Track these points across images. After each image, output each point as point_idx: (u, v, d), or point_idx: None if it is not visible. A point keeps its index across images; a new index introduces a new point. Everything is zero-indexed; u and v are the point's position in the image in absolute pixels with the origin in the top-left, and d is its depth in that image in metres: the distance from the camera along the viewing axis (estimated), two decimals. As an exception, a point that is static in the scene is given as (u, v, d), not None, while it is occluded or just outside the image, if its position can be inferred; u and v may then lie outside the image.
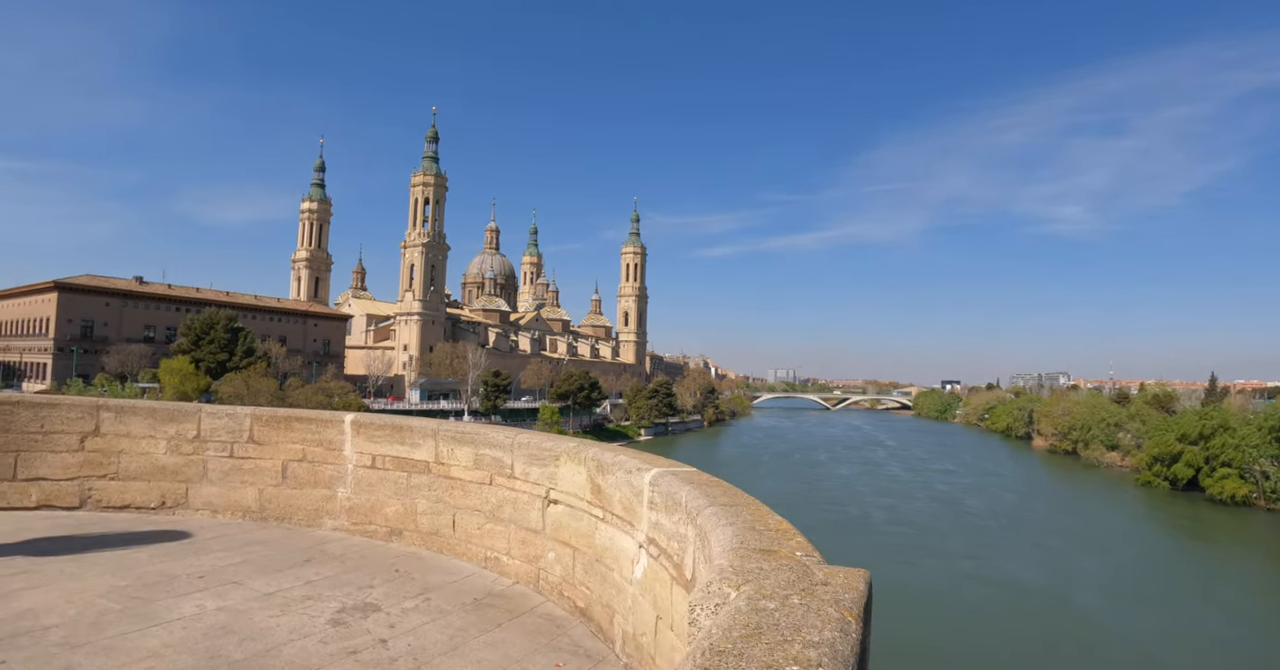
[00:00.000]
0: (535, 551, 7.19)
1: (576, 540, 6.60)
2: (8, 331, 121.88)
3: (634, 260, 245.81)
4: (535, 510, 7.22)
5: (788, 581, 2.73)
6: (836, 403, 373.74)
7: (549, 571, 6.98)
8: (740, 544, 3.26)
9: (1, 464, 8.77)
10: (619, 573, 5.77)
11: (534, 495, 7.25)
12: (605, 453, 6.39)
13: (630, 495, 5.59)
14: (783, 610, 2.34)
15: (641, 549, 5.32)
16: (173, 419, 9.24)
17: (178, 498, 9.23)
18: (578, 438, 7.56)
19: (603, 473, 6.18)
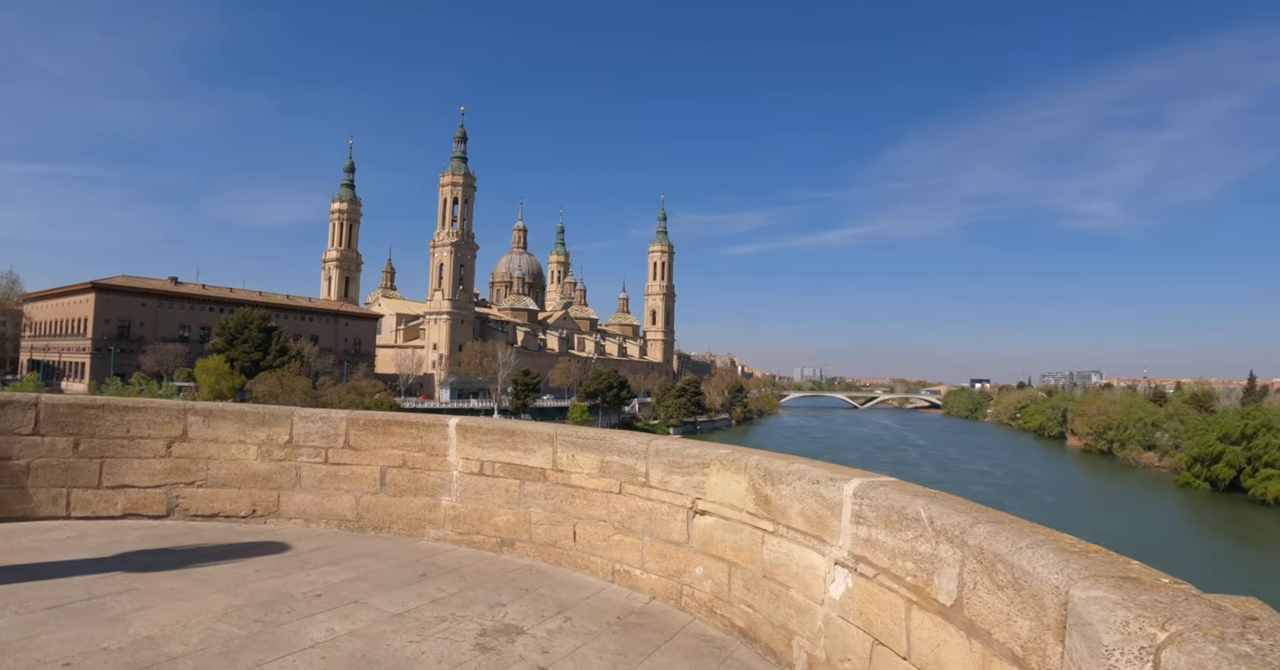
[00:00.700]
0: (677, 565, 6.67)
1: (734, 555, 6.06)
2: (48, 332, 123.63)
3: (661, 259, 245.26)
4: (677, 521, 6.68)
5: (1214, 616, 2.19)
6: (864, 401, 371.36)
7: (696, 587, 6.45)
8: (1088, 571, 2.69)
9: (86, 471, 8.34)
10: (800, 591, 5.21)
11: (675, 505, 6.72)
12: (775, 461, 5.83)
13: (819, 507, 5.03)
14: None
15: (840, 567, 4.76)
16: (263, 423, 8.79)
17: (269, 506, 8.78)
18: (730, 445, 7.01)
19: (772, 482, 5.63)
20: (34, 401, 8.13)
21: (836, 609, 4.80)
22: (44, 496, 8.18)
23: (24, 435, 8.09)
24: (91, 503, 8.36)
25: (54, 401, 8.24)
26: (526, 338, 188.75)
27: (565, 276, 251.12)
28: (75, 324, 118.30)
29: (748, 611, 5.83)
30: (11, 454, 8.04)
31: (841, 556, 4.80)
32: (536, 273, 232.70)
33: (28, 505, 8.12)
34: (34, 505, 8.15)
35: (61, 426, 8.24)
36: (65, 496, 8.27)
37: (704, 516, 6.44)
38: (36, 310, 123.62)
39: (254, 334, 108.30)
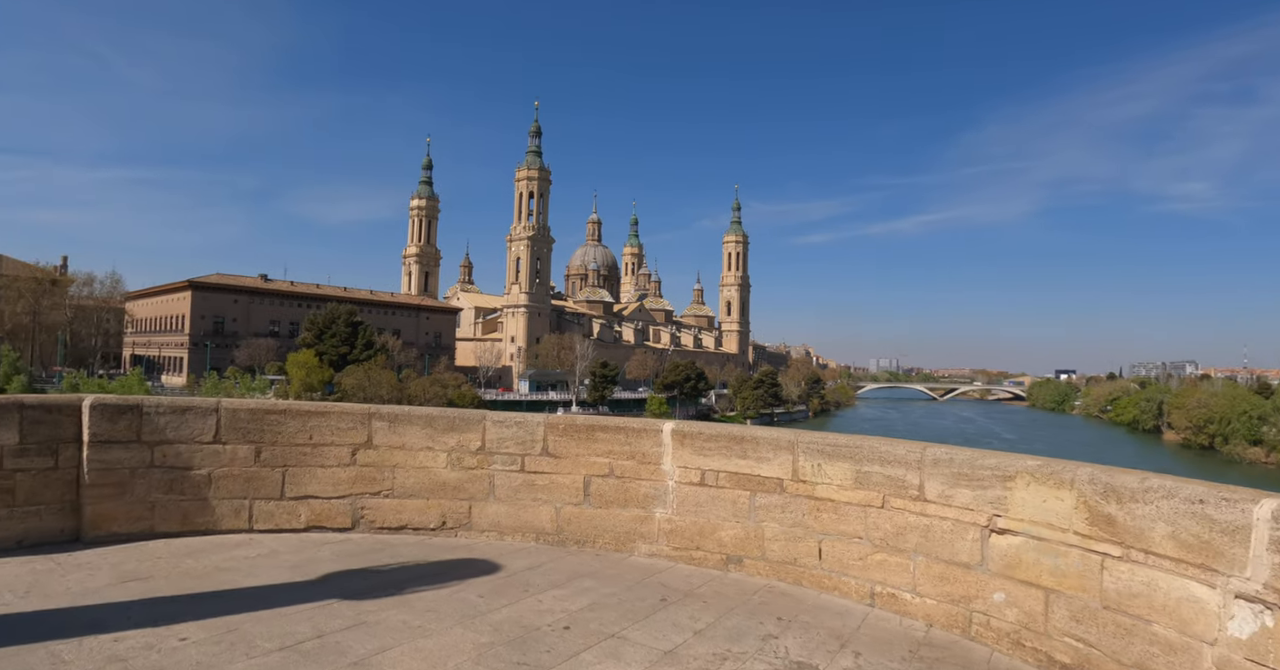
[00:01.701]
0: (963, 590, 5.72)
1: (1053, 581, 5.11)
2: (148, 328, 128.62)
3: (736, 249, 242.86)
4: (966, 540, 5.71)
5: None
6: (944, 393, 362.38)
7: (995, 616, 5.49)
8: None
9: (269, 481, 7.69)
10: (1171, 627, 4.35)
11: (962, 522, 5.76)
12: (1118, 475, 4.83)
13: (1205, 531, 4.14)
14: None
15: (1247, 602, 3.89)
16: (453, 428, 8.03)
17: (460, 518, 8.03)
18: (1039, 456, 6.01)
19: (1118, 500, 4.69)
20: (214, 407, 7.51)
21: (1241, 651, 3.99)
22: (226, 508, 7.56)
23: (205, 443, 7.48)
24: (274, 515, 7.72)
25: (235, 407, 7.60)
26: (602, 330, 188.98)
27: (639, 268, 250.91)
28: (174, 320, 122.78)
29: (1076, 646, 4.98)
30: (192, 463, 7.43)
31: (1249, 590, 3.95)
32: (611, 265, 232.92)
33: (210, 518, 7.51)
34: (216, 518, 7.53)
35: (242, 434, 7.61)
36: (247, 508, 7.64)
37: (1006, 536, 5.53)
38: (138, 308, 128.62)
39: (341, 328, 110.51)
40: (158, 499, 7.30)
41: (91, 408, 7.02)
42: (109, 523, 7.11)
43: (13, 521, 6.63)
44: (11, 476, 6.66)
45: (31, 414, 6.78)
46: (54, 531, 6.93)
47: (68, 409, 7.01)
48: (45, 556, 6.55)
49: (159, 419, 7.28)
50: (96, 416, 7.04)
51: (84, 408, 7.06)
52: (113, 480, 7.11)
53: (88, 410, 7.03)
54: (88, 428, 7.03)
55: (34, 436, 6.80)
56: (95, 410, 7.03)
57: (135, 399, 7.24)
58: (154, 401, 7.31)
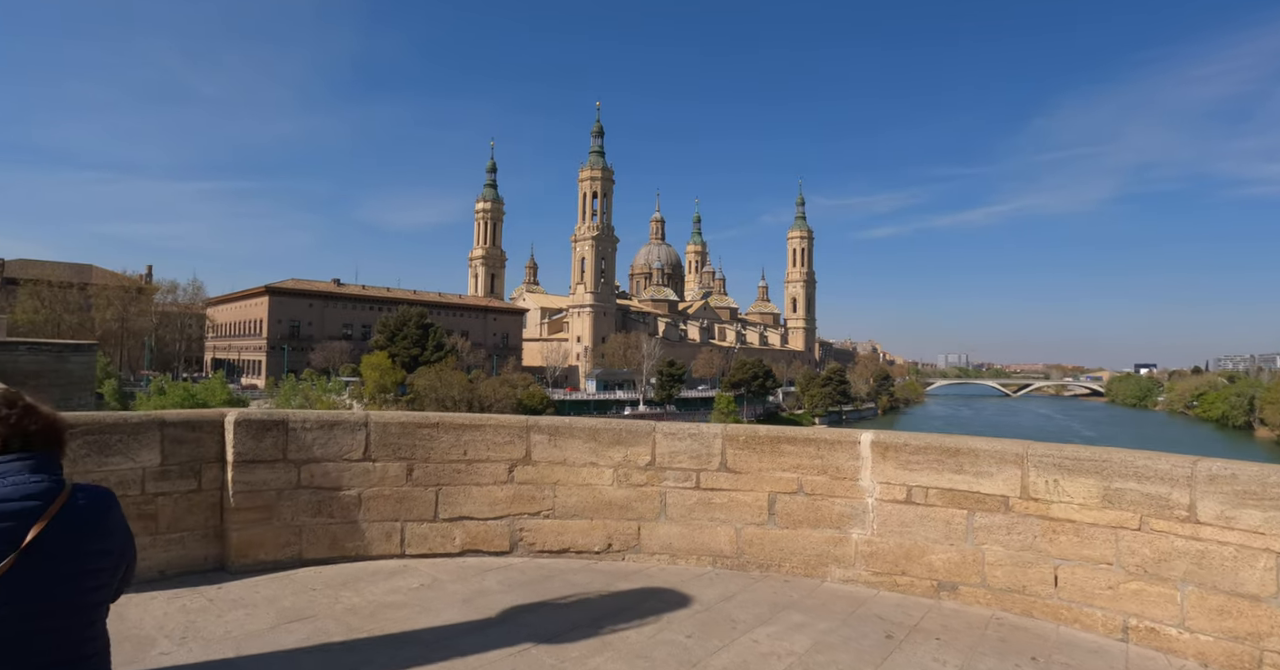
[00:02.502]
0: (1252, 626, 4.91)
1: None
2: (228, 333, 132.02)
3: (800, 245, 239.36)
4: (1256, 569, 4.95)
5: None
6: (1017, 389, 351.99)
7: None
8: None
9: (421, 501, 6.92)
10: None
11: (1249, 548, 4.88)
12: None
13: None
14: None
15: None
16: (619, 442, 7.17)
17: (627, 540, 7.17)
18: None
19: None
20: (364, 422, 6.76)
21: None
22: (377, 532, 6.80)
23: (354, 461, 6.73)
24: (427, 538, 6.94)
25: (385, 421, 6.84)
26: (667, 328, 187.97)
27: (703, 266, 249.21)
28: (252, 325, 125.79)
29: None
30: (341, 483, 6.69)
31: None
32: (675, 263, 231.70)
33: (359, 543, 6.77)
34: (366, 542, 6.78)
35: (393, 450, 6.85)
36: (399, 531, 6.88)
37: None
38: (218, 313, 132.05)
39: (412, 331, 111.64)
40: (305, 523, 6.58)
41: (236, 424, 6.32)
42: (255, 550, 6.40)
43: (155, 550, 5.96)
44: (153, 501, 6.00)
45: (173, 432, 6.12)
46: (198, 560, 6.26)
47: (210, 426, 6.33)
48: (193, 590, 5.86)
49: (305, 435, 6.56)
50: (241, 433, 6.34)
51: (227, 424, 6.37)
52: (259, 503, 6.40)
53: (231, 427, 6.34)
54: (232, 446, 6.34)
55: (175, 457, 6.14)
56: (240, 427, 6.34)
57: (280, 413, 6.53)
58: (300, 416, 6.59)
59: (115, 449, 5.81)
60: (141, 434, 5.93)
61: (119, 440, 5.82)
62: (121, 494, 5.60)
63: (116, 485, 5.76)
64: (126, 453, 5.86)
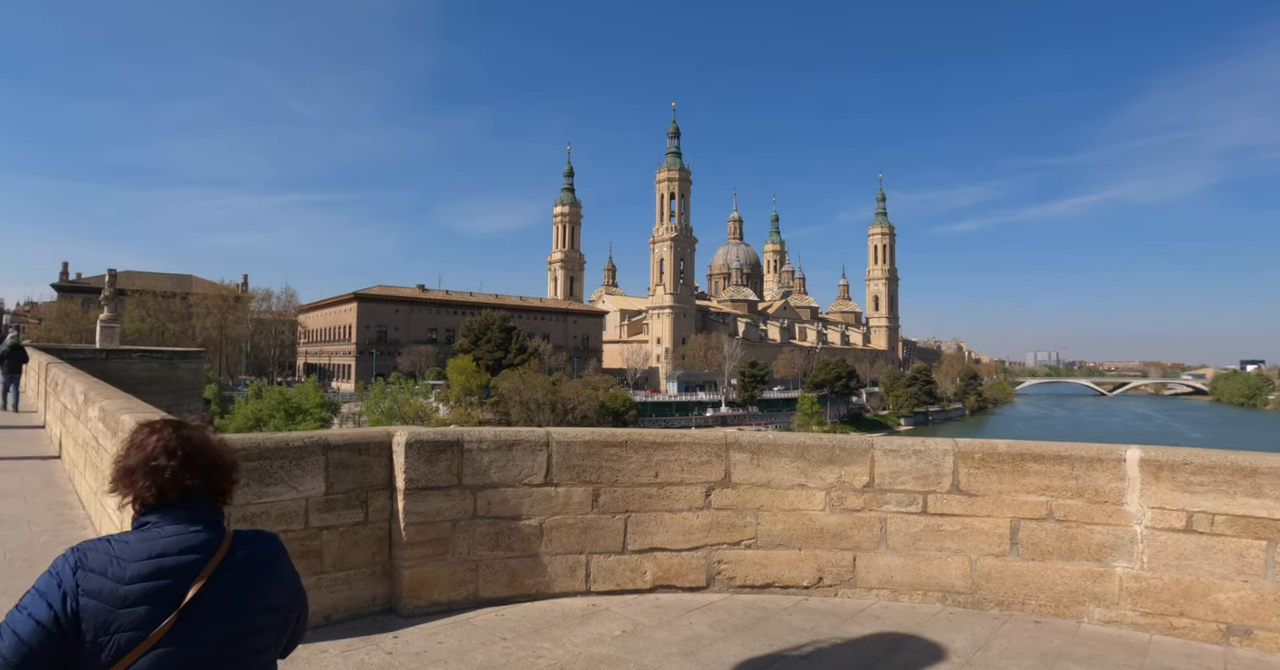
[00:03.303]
0: None
1: None
2: (319, 338, 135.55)
3: (882, 241, 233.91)
4: None
5: None
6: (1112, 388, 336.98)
7: None
8: None
9: (608, 530, 5.96)
10: None
11: None
12: None
13: None
14: None
15: None
16: (832, 460, 6.09)
17: (840, 573, 6.11)
18: None
19: None
20: (545, 441, 5.83)
21: None
22: (560, 566, 5.86)
23: (534, 486, 5.81)
24: (614, 572, 5.98)
25: (568, 440, 5.90)
26: (747, 329, 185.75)
27: (782, 265, 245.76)
28: (341, 330, 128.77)
29: None
30: (521, 511, 5.77)
31: None
32: (754, 263, 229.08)
33: (541, 579, 5.84)
34: (548, 578, 5.85)
35: (577, 472, 5.90)
36: (584, 565, 5.93)
37: None
38: (310, 319, 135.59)
39: (495, 334, 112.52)
40: (482, 557, 5.68)
41: (407, 446, 5.45)
42: (428, 589, 5.52)
43: (320, 592, 5.12)
44: (317, 536, 5.17)
45: (338, 456, 5.29)
46: (365, 601, 5.41)
47: (377, 448, 5.48)
48: (367, 639, 5.00)
49: (481, 457, 5.67)
50: (413, 456, 5.48)
51: (396, 446, 5.52)
52: (432, 536, 5.52)
53: (402, 449, 5.48)
54: (402, 471, 5.48)
55: (341, 484, 5.31)
56: (411, 449, 5.48)
57: (454, 433, 5.65)
58: (475, 436, 5.70)
59: (276, 477, 5.01)
60: (304, 459, 5.12)
61: (280, 467, 5.02)
62: (284, 529, 4.79)
63: (278, 519, 4.95)
64: (289, 481, 5.06)
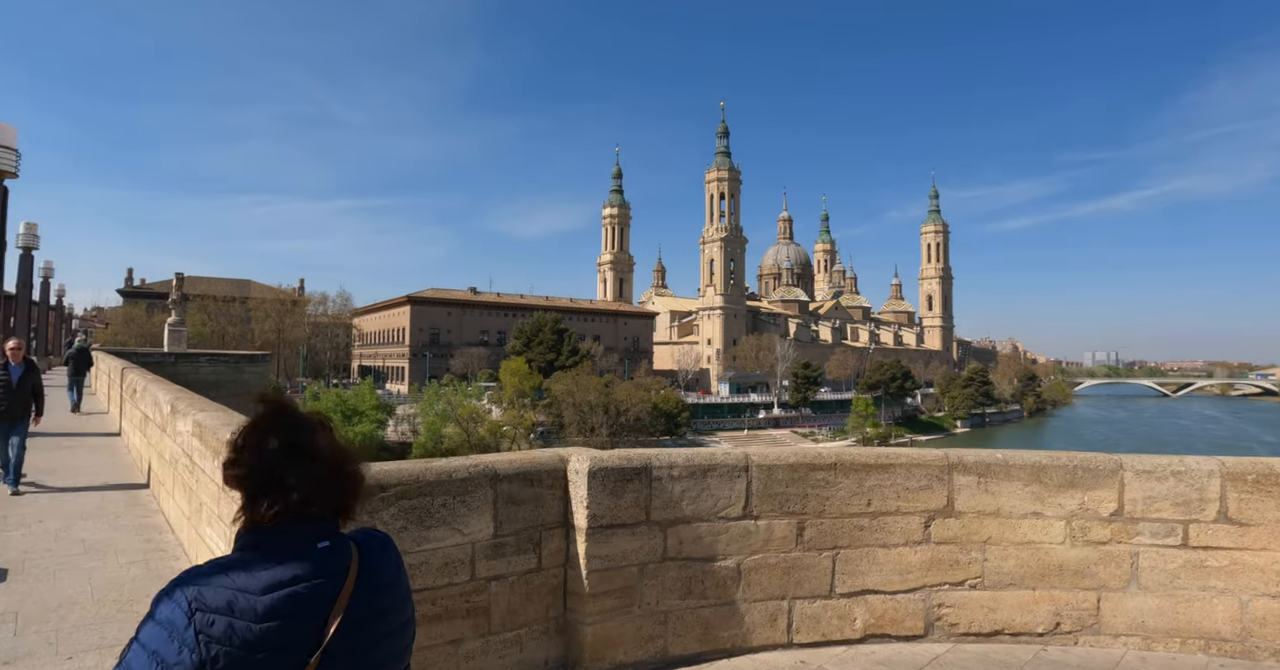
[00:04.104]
0: None
1: None
2: (374, 341, 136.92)
3: (935, 240, 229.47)
4: None
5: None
6: (1176, 389, 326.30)
7: None
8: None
9: (814, 570, 4.97)
10: None
11: None
12: None
13: None
14: None
15: None
16: (1073, 483, 5.05)
17: (1081, 617, 5.06)
18: None
19: None
20: (743, 465, 4.85)
21: None
22: (759, 614, 4.88)
23: (731, 520, 4.84)
24: (820, 620, 4.98)
25: (769, 464, 4.91)
26: (799, 329, 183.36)
27: (833, 265, 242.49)
28: (395, 333, 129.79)
29: None
30: (716, 551, 4.81)
31: None
32: (804, 263, 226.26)
33: (737, 630, 4.87)
34: (745, 629, 4.88)
35: (779, 502, 4.91)
36: (785, 613, 4.94)
37: None
38: (364, 322, 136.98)
39: (548, 336, 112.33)
40: (672, 608, 4.72)
41: (590, 475, 4.51)
42: (612, 649, 4.58)
43: (489, 658, 4.21)
44: (484, 588, 4.24)
45: (507, 489, 4.38)
46: (538, 665, 4.48)
47: (550, 478, 4.56)
48: (552, 712, 4.07)
49: (672, 487, 4.71)
50: (596, 487, 4.54)
51: (574, 474, 4.58)
52: (617, 585, 4.58)
53: (583, 479, 4.53)
54: (583, 505, 4.55)
55: (511, 524, 4.41)
56: (595, 478, 4.54)
57: (641, 458, 4.69)
58: (665, 461, 4.73)
59: (438, 517, 4.10)
60: (470, 494, 4.22)
61: (443, 505, 4.11)
62: (446, 582, 3.88)
63: (440, 570, 4.03)
64: (452, 522, 4.15)
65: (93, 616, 5.77)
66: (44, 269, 42.79)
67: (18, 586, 6.49)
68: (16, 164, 15.35)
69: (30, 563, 7.27)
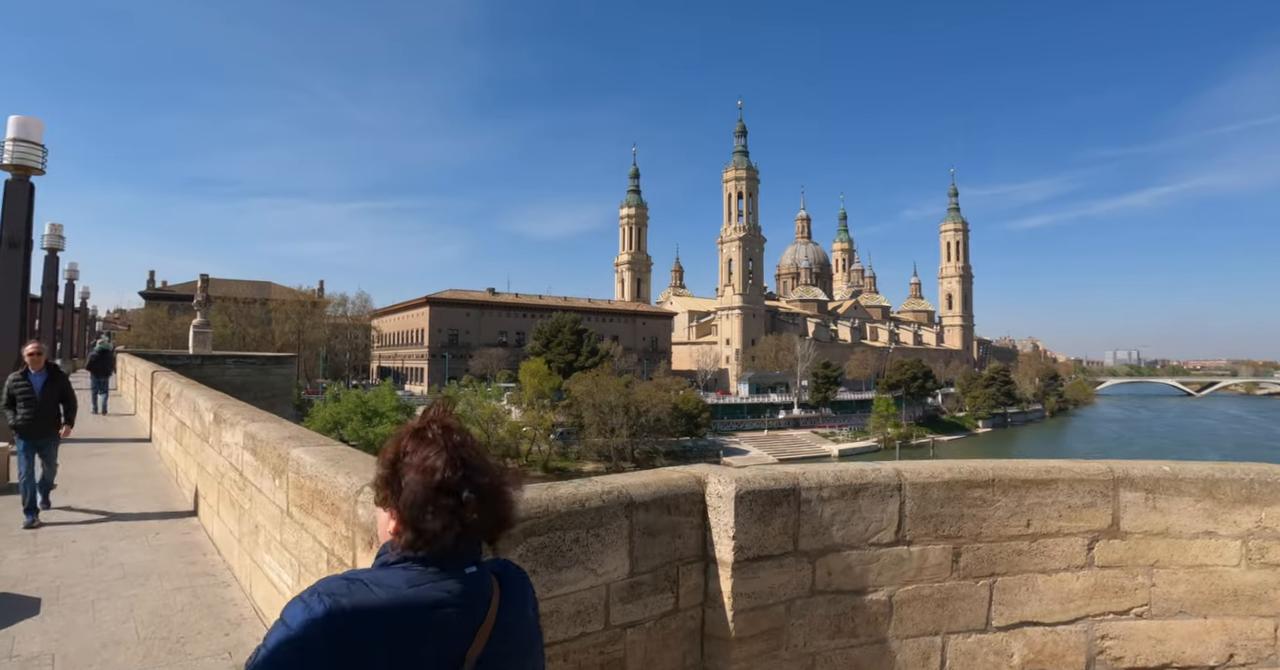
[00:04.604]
0: None
1: None
2: (393, 342, 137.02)
3: (955, 238, 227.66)
4: None
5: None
6: (1200, 388, 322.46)
7: None
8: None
9: (969, 600, 4.42)
10: None
11: None
12: None
13: None
14: None
15: None
16: (1250, 498, 4.53)
17: (1257, 648, 4.54)
18: None
19: None
20: (895, 483, 4.29)
21: None
22: (911, 653, 4.34)
23: (883, 546, 4.28)
24: (975, 657, 4.44)
25: (923, 481, 4.35)
26: (817, 329, 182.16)
27: (851, 264, 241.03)
28: (414, 334, 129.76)
29: None
30: (866, 582, 4.25)
31: None
32: (823, 262, 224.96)
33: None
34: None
35: (934, 525, 4.36)
36: (939, 650, 4.40)
37: None
38: (383, 323, 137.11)
39: (566, 337, 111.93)
40: (820, 649, 4.17)
41: (737, 499, 3.94)
42: (754, 696, 4.01)
43: (621, 715, 3.64)
44: (620, 637, 3.66)
45: (644, 519, 3.81)
46: (672, 718, 3.91)
47: (687, 502, 3.98)
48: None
49: (822, 510, 4.15)
50: (743, 513, 3.96)
51: (715, 498, 4.01)
52: (763, 626, 4.03)
53: (729, 503, 3.95)
54: (729, 535, 3.98)
55: (647, 560, 3.83)
56: (742, 503, 3.97)
57: (788, 477, 4.12)
58: (814, 480, 4.16)
59: (571, 556, 3.52)
60: (604, 526, 3.64)
61: (575, 540, 3.54)
62: (579, 633, 3.33)
63: (572, 619, 3.47)
64: (586, 561, 3.57)
65: (140, 660, 5.22)
66: (69, 271, 42.62)
67: (54, 621, 5.98)
68: (43, 160, 14.88)
69: (66, 590, 6.75)
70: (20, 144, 14.52)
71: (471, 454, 1.73)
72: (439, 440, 1.72)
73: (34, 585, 6.89)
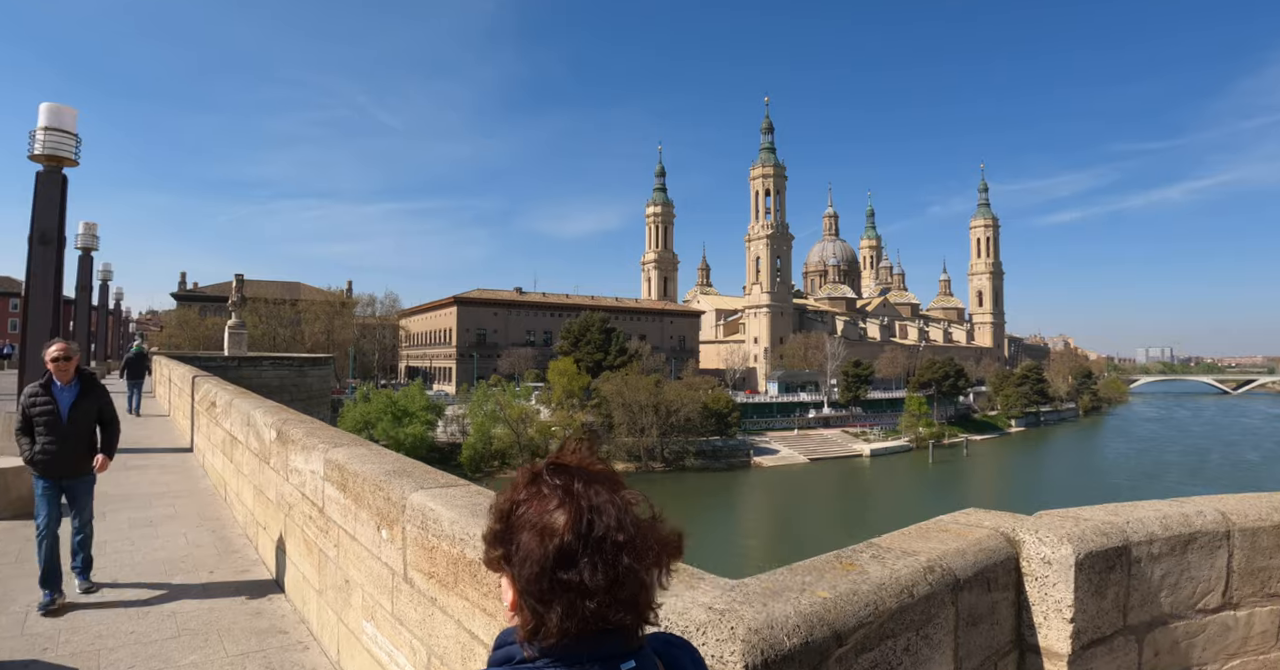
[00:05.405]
0: None
1: None
2: (420, 342, 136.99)
3: (985, 234, 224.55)
4: None
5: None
6: (1237, 386, 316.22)
7: None
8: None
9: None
10: None
11: None
12: None
13: None
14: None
15: None
16: None
17: None
18: None
19: None
20: (1224, 531, 3.20)
21: None
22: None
23: (1209, 613, 3.19)
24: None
25: (1253, 526, 3.27)
26: (846, 327, 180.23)
27: (879, 261, 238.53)
28: (442, 334, 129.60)
29: None
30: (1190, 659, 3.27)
31: None
32: (850, 260, 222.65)
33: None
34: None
35: (1260, 582, 3.43)
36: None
37: None
38: (411, 323, 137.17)
39: (595, 336, 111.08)
40: (1129, 750, 3.07)
41: (1077, 566, 2.89)
42: None
43: None
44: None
45: (968, 603, 2.75)
46: None
47: (1003, 572, 2.92)
48: None
49: (1151, 570, 3.09)
50: (1082, 585, 2.90)
51: (1036, 563, 2.91)
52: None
53: (1065, 572, 2.89)
54: (1064, 615, 2.91)
55: (970, 658, 2.69)
56: (1081, 572, 2.91)
57: (1115, 529, 3.05)
58: (1142, 531, 3.10)
59: (896, 665, 2.39)
60: (931, 623, 2.56)
61: (904, 649, 2.44)
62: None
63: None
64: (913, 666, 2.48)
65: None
66: (103, 271, 42.25)
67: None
68: (77, 150, 14.02)
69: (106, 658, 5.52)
70: (53, 133, 13.72)
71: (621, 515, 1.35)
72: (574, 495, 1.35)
73: (68, 650, 5.71)
